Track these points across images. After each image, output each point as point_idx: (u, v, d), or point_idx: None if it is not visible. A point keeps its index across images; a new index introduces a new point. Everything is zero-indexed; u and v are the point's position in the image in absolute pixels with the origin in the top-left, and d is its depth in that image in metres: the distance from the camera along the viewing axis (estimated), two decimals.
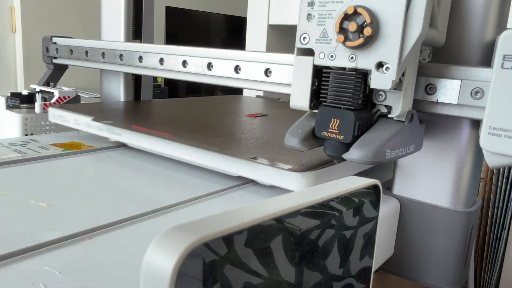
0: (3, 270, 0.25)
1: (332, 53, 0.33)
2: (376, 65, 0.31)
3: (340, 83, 0.33)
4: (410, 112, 0.33)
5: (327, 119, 0.33)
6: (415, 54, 0.32)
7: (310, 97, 0.34)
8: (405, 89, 0.32)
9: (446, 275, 0.39)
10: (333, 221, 0.21)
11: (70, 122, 0.57)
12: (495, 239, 0.92)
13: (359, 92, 0.32)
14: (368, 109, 0.34)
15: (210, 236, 0.14)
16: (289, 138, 0.35)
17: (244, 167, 0.40)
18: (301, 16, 0.34)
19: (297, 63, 0.35)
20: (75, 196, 0.37)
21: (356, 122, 0.32)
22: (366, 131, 0.33)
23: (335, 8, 0.32)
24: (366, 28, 0.30)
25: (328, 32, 0.33)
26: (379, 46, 0.30)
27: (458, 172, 0.38)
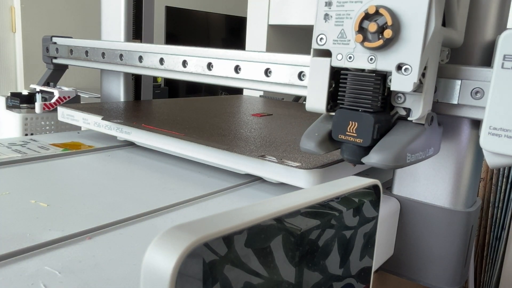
0: (3, 270, 0.25)
1: (350, 54, 0.32)
2: (397, 66, 0.30)
3: (358, 85, 0.32)
4: (430, 115, 0.33)
5: (345, 122, 0.32)
6: (436, 55, 0.31)
7: (327, 99, 0.33)
8: (425, 91, 0.31)
9: (446, 275, 0.39)
10: (333, 221, 0.21)
11: (79, 121, 0.57)
12: (495, 239, 0.92)
13: (378, 94, 0.31)
14: (386, 111, 0.33)
15: (210, 236, 0.14)
16: (305, 141, 0.34)
17: (253, 165, 0.41)
18: (318, 16, 0.33)
19: (313, 65, 0.34)
20: (75, 196, 0.37)
21: (375, 125, 0.31)
22: (385, 134, 0.32)
23: (353, 8, 0.31)
24: (387, 29, 0.29)
25: (346, 32, 0.32)
26: (400, 47, 0.30)
27: (458, 172, 0.38)
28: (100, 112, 0.57)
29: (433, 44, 0.30)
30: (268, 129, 0.55)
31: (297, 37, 1.15)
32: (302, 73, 0.42)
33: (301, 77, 0.42)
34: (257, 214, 0.17)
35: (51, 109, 0.66)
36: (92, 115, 0.55)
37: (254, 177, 0.45)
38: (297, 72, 0.42)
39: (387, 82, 0.31)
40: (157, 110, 0.64)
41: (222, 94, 2.49)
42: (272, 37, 1.07)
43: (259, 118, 0.63)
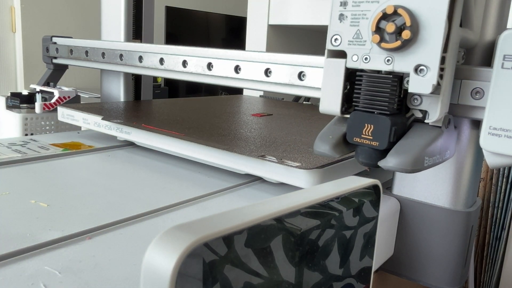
0: (3, 270, 0.25)
1: (366, 55, 0.31)
2: (415, 68, 0.29)
3: (375, 87, 0.31)
4: (447, 117, 0.32)
5: (360, 124, 0.32)
6: (454, 56, 0.31)
7: (341, 101, 0.33)
8: (443, 93, 0.30)
9: (446, 275, 0.39)
10: (333, 221, 0.21)
11: (79, 121, 0.57)
12: (495, 239, 0.92)
13: (395, 96, 0.31)
14: (402, 113, 0.32)
15: (210, 236, 0.14)
16: (319, 144, 0.33)
17: (253, 165, 0.41)
18: (333, 16, 0.32)
19: (328, 66, 0.33)
20: (75, 196, 0.37)
21: (392, 128, 0.31)
22: (401, 137, 0.32)
23: (370, 8, 0.30)
24: (406, 29, 0.29)
25: (362, 33, 0.31)
26: (418, 49, 0.29)
27: (458, 172, 0.38)
28: (100, 112, 0.57)
29: (451, 45, 0.29)
30: (268, 129, 0.55)
31: (297, 37, 1.15)
32: (302, 73, 0.42)
33: (301, 77, 0.42)
34: (257, 214, 0.17)
35: (51, 109, 0.66)
36: (92, 115, 0.55)
37: (254, 177, 0.45)
38: (297, 72, 0.42)
39: (404, 83, 0.31)
40: (157, 110, 0.64)
41: (222, 94, 2.48)
42: (272, 37, 1.07)
43: (259, 118, 0.63)
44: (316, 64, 0.41)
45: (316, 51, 1.22)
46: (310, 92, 0.42)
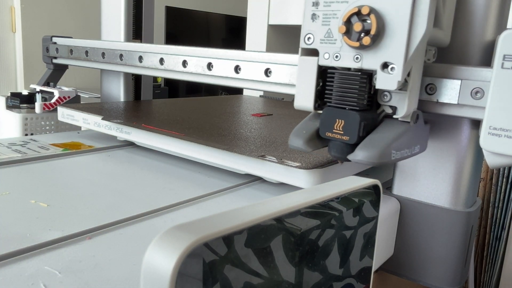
0: (3, 270, 0.25)
1: (337, 54, 0.32)
2: (382, 65, 0.31)
3: (345, 84, 0.33)
4: (415, 113, 0.33)
5: (332, 120, 0.33)
6: (421, 54, 0.32)
7: (314, 98, 0.34)
8: (410, 90, 0.32)
9: (446, 275, 0.39)
10: (333, 221, 0.21)
11: (79, 122, 0.57)
12: (495, 239, 0.92)
13: (364, 93, 0.32)
14: (373, 109, 0.33)
15: (210, 236, 0.14)
16: (293, 139, 0.35)
17: (253, 165, 0.41)
18: (306, 16, 0.33)
19: (301, 64, 0.34)
20: (75, 196, 0.37)
21: (361, 123, 0.32)
22: (371, 131, 0.33)
23: (340, 8, 0.32)
24: (372, 28, 0.30)
25: (333, 32, 0.32)
26: (384, 46, 0.30)
27: (458, 172, 0.38)
28: (100, 112, 0.57)
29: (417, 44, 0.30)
30: (268, 129, 0.55)
31: (297, 37, 1.15)
32: None
33: None
34: (257, 214, 0.17)
35: (51, 109, 0.66)
36: (92, 115, 0.55)
37: (254, 177, 0.45)
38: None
39: (373, 80, 0.32)
40: (157, 110, 0.64)
41: (222, 94, 2.48)
42: (272, 37, 1.07)
43: (259, 118, 0.63)
44: None
45: None
46: None
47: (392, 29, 0.30)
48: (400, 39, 0.30)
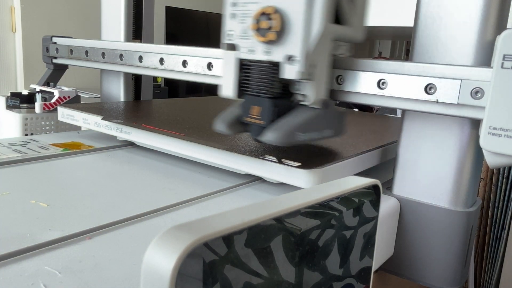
0: (3, 270, 0.25)
1: (251, 48, 0.37)
2: (286, 57, 0.35)
3: (259, 75, 0.37)
4: (324, 100, 0.38)
5: (250, 106, 0.38)
6: (325, 48, 0.37)
7: (236, 87, 0.39)
8: (317, 79, 0.37)
9: (446, 275, 0.39)
10: (333, 221, 0.21)
11: (79, 122, 0.57)
12: (495, 239, 0.92)
13: (275, 82, 0.37)
14: (287, 97, 0.38)
15: (210, 236, 0.14)
16: (217, 124, 0.40)
17: (253, 165, 0.41)
18: (227, 15, 0.38)
19: (225, 57, 0.39)
20: (75, 196, 0.37)
21: (273, 109, 0.37)
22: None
23: (252, 8, 0.36)
24: (276, 25, 0.35)
25: (247, 29, 0.37)
26: (287, 41, 0.35)
27: (458, 172, 0.38)
28: (100, 112, 0.57)
29: (319, 39, 0.35)
30: None
31: None
32: None
33: None
34: (257, 214, 0.17)
35: (51, 109, 0.66)
36: (92, 115, 0.55)
37: (254, 177, 0.45)
38: None
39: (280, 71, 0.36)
40: (157, 110, 0.64)
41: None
42: None
43: None
44: None
45: None
46: None
47: (293, 26, 0.35)
48: (299, 35, 0.34)
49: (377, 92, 0.37)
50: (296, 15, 0.34)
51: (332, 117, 0.40)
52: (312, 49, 0.35)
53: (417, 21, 0.38)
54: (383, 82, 0.37)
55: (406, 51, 2.38)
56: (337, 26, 0.37)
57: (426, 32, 0.37)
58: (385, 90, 0.37)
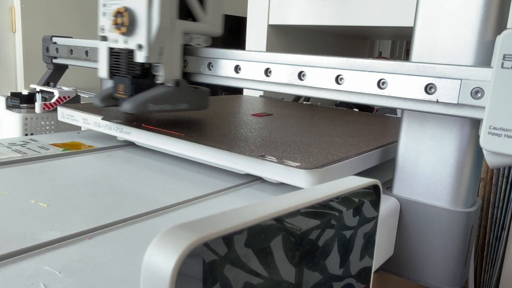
0: (3, 270, 0.25)
1: (116, 39, 0.48)
2: (138, 46, 0.46)
3: (121, 59, 0.49)
4: (176, 80, 0.49)
5: (118, 84, 0.50)
6: (170, 39, 0.48)
7: (107, 70, 0.51)
8: (166, 63, 0.48)
9: (446, 275, 0.39)
10: (333, 221, 0.21)
11: (79, 122, 0.57)
12: (495, 239, 0.92)
13: (134, 65, 0.48)
14: (148, 77, 0.50)
15: (210, 236, 0.14)
16: (94, 98, 0.52)
17: (253, 165, 0.41)
18: (100, 13, 0.49)
19: (99, 47, 0.51)
20: (75, 196, 0.37)
21: (132, 86, 0.48)
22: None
23: (114, 7, 0.47)
24: (125, 21, 0.45)
25: (111, 24, 0.47)
26: (137, 33, 0.46)
27: (458, 172, 0.38)
28: (100, 112, 0.57)
29: (159, 32, 0.46)
30: (268, 129, 0.55)
31: (297, 37, 1.15)
32: (302, 73, 0.42)
33: (301, 77, 0.42)
34: (257, 214, 0.17)
35: (51, 109, 0.66)
36: (92, 115, 0.55)
37: (254, 177, 0.45)
38: (297, 72, 0.42)
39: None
40: None
41: (222, 94, 2.48)
42: (272, 37, 1.07)
43: (259, 118, 0.63)
44: (316, 64, 0.41)
45: (316, 51, 1.22)
46: (310, 92, 0.42)
47: (139, 22, 0.46)
48: (144, 28, 0.45)
49: (377, 92, 0.37)
50: (140, 13, 0.45)
51: (188, 94, 0.51)
52: (154, 40, 0.45)
53: (417, 21, 0.38)
54: (383, 82, 0.37)
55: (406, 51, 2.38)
56: (187, 22, 0.49)
57: (426, 32, 0.37)
58: (385, 90, 0.37)
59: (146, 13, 0.45)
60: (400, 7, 0.82)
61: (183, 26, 0.49)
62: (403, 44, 2.30)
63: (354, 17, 0.89)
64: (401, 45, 2.30)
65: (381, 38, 1.58)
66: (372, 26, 0.87)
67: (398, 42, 2.24)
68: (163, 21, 0.45)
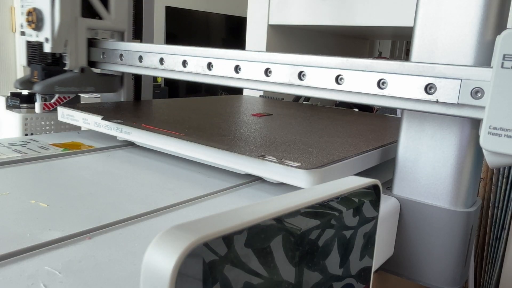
0: (3, 270, 0.25)
1: (30, 34, 0.59)
2: (45, 39, 0.58)
3: (35, 50, 0.61)
4: (81, 67, 0.61)
5: (33, 70, 0.61)
6: (74, 33, 0.60)
7: (26, 59, 0.62)
8: (71, 53, 0.60)
9: (446, 275, 0.39)
10: (333, 221, 0.21)
11: (79, 122, 0.57)
12: (495, 239, 0.92)
13: (46, 55, 0.60)
14: (60, 65, 0.61)
15: (210, 236, 0.14)
16: (15, 82, 0.62)
17: (253, 165, 0.41)
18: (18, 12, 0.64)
19: (20, 40, 0.62)
20: (75, 196, 0.37)
21: (43, 72, 0.60)
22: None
23: (27, 7, 0.59)
24: (34, 19, 0.57)
25: (26, 21, 0.58)
26: (44, 29, 0.58)
27: (458, 172, 0.38)
28: (100, 112, 0.57)
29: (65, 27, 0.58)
30: (268, 129, 0.55)
31: (297, 37, 1.15)
32: (302, 73, 0.42)
33: (301, 77, 0.42)
34: (257, 214, 0.17)
35: (51, 109, 0.66)
36: (92, 115, 0.55)
37: (254, 177, 0.45)
38: (297, 72, 0.42)
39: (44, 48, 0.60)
40: (157, 110, 0.64)
41: (222, 94, 2.48)
42: (272, 37, 1.07)
43: (259, 118, 0.63)
44: (316, 64, 0.41)
45: (316, 51, 1.22)
46: (310, 92, 0.42)
47: (45, 19, 0.57)
48: (48, 25, 0.57)
49: (377, 92, 0.37)
50: (46, 12, 0.57)
51: (93, 79, 0.62)
52: (57, 34, 0.57)
53: (417, 21, 0.38)
54: (383, 82, 0.37)
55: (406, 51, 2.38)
56: (91, 20, 0.61)
57: (426, 32, 0.37)
58: (385, 90, 0.37)
59: (50, 12, 0.57)
60: (400, 7, 0.82)
61: (87, 23, 0.61)
62: (403, 44, 2.30)
63: (354, 17, 0.89)
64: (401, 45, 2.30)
65: (381, 38, 1.58)
66: (372, 26, 0.87)
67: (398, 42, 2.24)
68: (65, 19, 0.57)
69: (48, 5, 0.56)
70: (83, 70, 0.60)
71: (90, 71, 0.61)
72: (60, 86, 0.58)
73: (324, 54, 0.41)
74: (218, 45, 2.66)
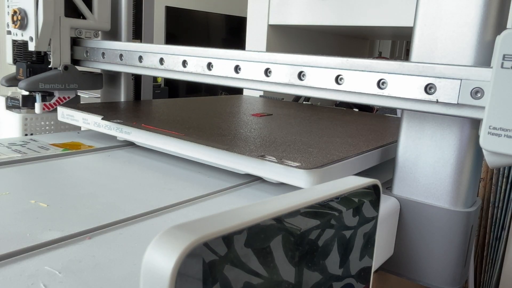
0: (3, 270, 0.25)
1: (15, 33, 0.61)
2: (30, 38, 0.60)
3: (20, 48, 0.63)
4: (64, 65, 0.63)
5: (19, 69, 0.63)
6: (57, 33, 0.61)
7: (12, 57, 0.65)
8: (55, 52, 0.62)
9: (446, 275, 0.39)
10: (333, 221, 0.21)
11: (79, 122, 0.57)
12: (495, 239, 0.92)
13: (30, 53, 0.63)
14: (44, 63, 0.64)
15: (210, 236, 0.14)
16: (1, 80, 0.65)
17: (253, 165, 0.41)
18: (6, 13, 0.62)
19: (6, 39, 0.64)
20: (75, 196, 0.37)
21: (27, 69, 0.62)
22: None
23: (12, 8, 0.60)
24: (19, 19, 0.59)
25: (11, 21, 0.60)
26: (28, 28, 0.60)
27: (458, 172, 0.38)
28: (100, 112, 0.57)
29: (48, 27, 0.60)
30: (268, 129, 0.55)
31: (297, 37, 1.15)
32: (302, 73, 0.42)
33: (301, 77, 0.42)
34: (257, 214, 0.17)
35: (51, 109, 0.66)
36: (92, 115, 0.55)
37: (254, 177, 0.45)
38: (297, 72, 0.42)
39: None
40: (157, 110, 0.64)
41: (222, 94, 2.48)
42: (272, 37, 1.07)
43: (259, 118, 0.63)
44: (316, 64, 0.41)
45: (316, 51, 1.22)
46: (310, 92, 0.42)
47: (30, 19, 0.59)
48: (33, 24, 0.59)
49: (377, 92, 0.37)
50: (30, 13, 0.59)
51: (77, 76, 0.64)
52: (41, 33, 0.59)
53: (417, 21, 0.38)
54: (383, 82, 0.37)
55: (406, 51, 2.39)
56: (75, 20, 0.63)
57: (426, 32, 0.37)
58: (385, 90, 0.37)
59: (34, 12, 0.58)
60: (400, 7, 0.82)
61: (70, 22, 0.63)
62: (403, 44, 2.30)
63: (354, 17, 0.89)
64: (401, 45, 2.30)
65: (381, 38, 1.58)
66: (372, 26, 0.87)
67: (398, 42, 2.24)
68: (49, 18, 0.59)
69: (32, 5, 0.58)
70: (66, 68, 0.62)
71: (74, 69, 0.64)
72: (44, 83, 0.60)
73: (324, 54, 0.41)
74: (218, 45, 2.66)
